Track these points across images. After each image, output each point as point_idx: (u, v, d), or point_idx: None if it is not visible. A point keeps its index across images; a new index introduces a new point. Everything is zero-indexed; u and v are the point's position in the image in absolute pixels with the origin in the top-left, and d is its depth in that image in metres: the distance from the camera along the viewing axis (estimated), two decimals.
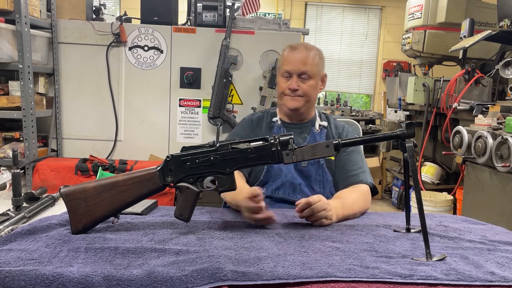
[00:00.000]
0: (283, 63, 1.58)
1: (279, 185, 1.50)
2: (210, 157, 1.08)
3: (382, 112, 6.22)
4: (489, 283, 0.83)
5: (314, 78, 1.55)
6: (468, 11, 4.32)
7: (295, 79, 1.53)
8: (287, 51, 1.58)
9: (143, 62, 3.04)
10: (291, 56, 1.55)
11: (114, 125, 3.05)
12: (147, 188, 1.09)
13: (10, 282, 0.76)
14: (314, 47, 1.59)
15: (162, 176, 1.08)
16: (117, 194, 1.07)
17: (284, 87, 1.55)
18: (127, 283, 0.77)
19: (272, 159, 1.08)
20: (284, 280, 0.80)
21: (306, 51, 1.55)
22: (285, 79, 1.55)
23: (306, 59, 1.53)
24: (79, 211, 1.05)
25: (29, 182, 2.67)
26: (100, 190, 1.07)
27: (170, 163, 1.08)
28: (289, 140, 1.07)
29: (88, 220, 1.06)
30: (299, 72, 1.53)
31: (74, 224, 1.05)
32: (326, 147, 1.07)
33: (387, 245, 1.02)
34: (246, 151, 1.08)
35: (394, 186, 5.07)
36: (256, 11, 3.50)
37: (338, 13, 6.67)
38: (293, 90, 1.53)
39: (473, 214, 2.92)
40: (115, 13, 6.12)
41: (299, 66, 1.52)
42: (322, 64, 1.60)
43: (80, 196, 1.06)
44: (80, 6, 3.02)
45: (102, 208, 1.06)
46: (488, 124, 2.92)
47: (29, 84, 2.55)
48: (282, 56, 1.61)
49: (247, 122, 1.66)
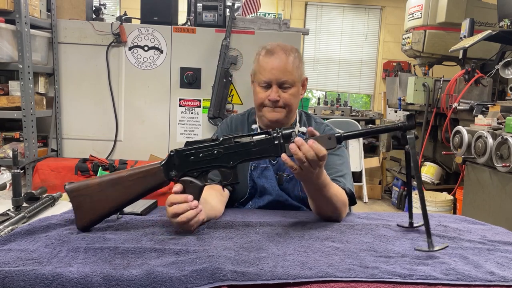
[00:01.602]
0: (259, 70, 1.38)
1: (266, 202, 1.44)
2: (214, 151, 1.08)
3: (382, 112, 6.22)
4: (489, 283, 0.83)
5: (296, 86, 1.39)
6: (468, 11, 4.32)
7: (275, 89, 1.36)
8: (263, 56, 1.38)
9: (143, 62, 3.04)
10: (269, 62, 1.36)
11: (114, 125, 3.05)
12: (151, 183, 1.08)
13: (9, 282, 0.76)
14: (292, 48, 1.40)
15: (166, 170, 1.08)
16: (121, 189, 1.07)
17: (263, 97, 1.38)
18: (126, 283, 0.77)
19: (275, 152, 1.07)
20: (283, 280, 0.80)
21: (285, 56, 1.35)
22: (263, 88, 1.38)
23: (286, 66, 1.35)
24: (84, 207, 1.06)
25: (29, 182, 2.67)
26: (105, 186, 1.07)
27: (174, 158, 1.08)
28: (291, 133, 1.06)
29: (93, 216, 1.06)
30: (279, 81, 1.36)
31: (80, 220, 1.06)
32: (329, 139, 1.06)
33: (386, 245, 1.02)
34: (249, 145, 1.07)
35: (394, 186, 5.07)
36: (256, 11, 3.51)
37: (338, 13, 6.67)
38: (273, 101, 1.36)
39: (473, 214, 2.92)
40: (115, 13, 6.13)
41: (279, 74, 1.35)
42: (302, 67, 1.43)
43: (85, 193, 1.06)
44: (80, 6, 3.02)
45: (107, 203, 1.07)
46: (488, 124, 2.92)
47: (29, 84, 2.55)
48: (257, 61, 1.40)
49: (225, 127, 1.54)
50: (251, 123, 1.52)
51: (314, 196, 1.19)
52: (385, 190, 5.63)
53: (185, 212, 1.03)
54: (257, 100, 1.41)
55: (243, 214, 1.31)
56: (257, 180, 1.44)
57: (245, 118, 1.55)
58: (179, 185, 1.08)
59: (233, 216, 1.27)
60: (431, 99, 4.12)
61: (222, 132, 1.52)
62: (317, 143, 1.05)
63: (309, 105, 6.45)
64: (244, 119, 1.55)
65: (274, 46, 1.40)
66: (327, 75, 6.70)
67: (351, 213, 1.35)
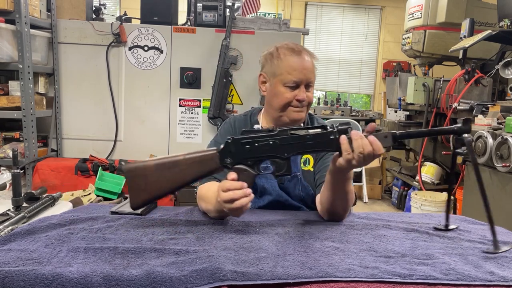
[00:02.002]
0: (287, 71, 1.36)
1: (266, 202, 1.44)
2: (270, 141, 1.09)
3: (382, 112, 6.22)
4: (489, 282, 0.83)
5: (313, 85, 1.43)
6: (468, 11, 4.32)
7: (303, 89, 1.37)
8: (289, 56, 1.37)
9: (143, 62, 3.04)
10: (299, 62, 1.35)
11: (114, 125, 3.05)
12: (206, 168, 1.10)
13: (9, 282, 0.76)
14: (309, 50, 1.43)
15: (222, 157, 1.10)
16: (177, 172, 1.09)
17: (290, 97, 1.36)
18: (126, 283, 0.77)
19: (330, 147, 1.08)
20: (283, 280, 0.80)
21: (309, 57, 1.38)
22: (289, 89, 1.36)
23: (312, 66, 1.38)
24: (139, 187, 1.08)
25: (29, 182, 2.67)
26: (161, 168, 1.08)
27: (231, 145, 1.10)
28: (347, 129, 1.07)
29: (148, 196, 1.08)
30: (308, 81, 1.37)
31: (134, 199, 1.08)
32: (385, 138, 1.07)
33: (386, 245, 1.02)
34: (305, 137, 1.08)
35: (394, 186, 5.07)
36: (256, 11, 3.51)
37: (338, 13, 6.67)
38: (301, 100, 1.36)
39: (473, 214, 2.91)
40: (115, 13, 6.13)
41: (309, 74, 1.36)
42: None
43: (142, 173, 1.08)
44: (80, 6, 3.03)
45: (162, 185, 1.08)
46: (488, 124, 2.92)
47: (29, 84, 2.56)
48: (280, 60, 1.38)
49: (229, 128, 1.53)
50: (253, 124, 1.51)
51: (337, 189, 1.18)
52: (385, 190, 5.64)
53: (241, 199, 1.05)
54: (282, 100, 1.38)
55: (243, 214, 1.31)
56: (257, 180, 1.44)
57: (247, 119, 1.55)
58: (234, 173, 1.09)
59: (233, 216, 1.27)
60: (431, 99, 4.12)
61: (226, 132, 1.50)
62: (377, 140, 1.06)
63: None
64: (247, 119, 1.54)
65: (296, 45, 1.40)
66: (327, 75, 6.70)
67: (351, 213, 1.35)
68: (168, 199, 2.75)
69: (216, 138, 1.51)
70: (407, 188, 4.68)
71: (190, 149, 1.14)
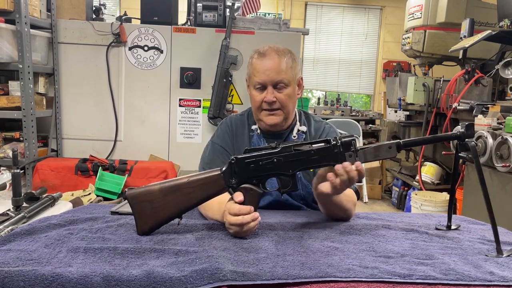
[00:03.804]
0: (253, 73, 1.39)
1: (267, 203, 1.44)
2: (274, 159, 1.08)
3: (382, 112, 6.22)
4: (488, 282, 0.83)
5: (291, 85, 1.38)
6: (468, 11, 4.32)
7: (271, 90, 1.36)
8: (256, 59, 1.39)
9: (143, 62, 3.04)
10: (262, 64, 1.36)
11: (114, 125, 3.05)
12: (211, 190, 1.09)
13: (9, 282, 0.76)
14: (284, 49, 1.41)
15: (227, 178, 1.09)
16: (182, 196, 1.08)
17: (259, 100, 1.38)
18: (126, 284, 0.77)
19: (334, 160, 1.08)
20: (283, 280, 0.80)
21: (277, 57, 1.36)
22: (258, 91, 1.38)
23: (279, 66, 1.35)
24: (145, 213, 1.06)
25: (29, 182, 2.68)
26: (166, 192, 1.07)
27: (234, 165, 1.09)
28: (351, 142, 1.08)
29: (154, 221, 1.07)
30: (274, 82, 1.36)
31: (141, 226, 1.06)
32: (389, 148, 1.07)
33: (386, 245, 1.02)
34: (309, 153, 1.08)
35: (394, 186, 5.07)
36: (256, 11, 3.51)
37: (338, 13, 6.67)
38: (269, 102, 1.36)
39: (473, 214, 2.91)
40: (115, 13, 6.12)
41: (273, 75, 1.35)
42: (296, 66, 1.42)
43: (146, 199, 1.07)
44: (80, 6, 3.03)
45: (168, 210, 1.07)
46: (488, 124, 2.91)
47: (29, 84, 2.56)
48: (250, 64, 1.41)
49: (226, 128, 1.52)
50: (251, 124, 1.51)
51: (329, 203, 1.19)
52: (385, 190, 5.63)
53: (249, 224, 1.04)
54: (254, 104, 1.41)
55: None
56: None
57: (244, 118, 1.54)
58: (241, 194, 1.07)
59: None
60: (431, 99, 4.12)
61: (223, 132, 1.51)
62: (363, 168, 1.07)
63: (309, 105, 6.45)
64: (244, 119, 1.54)
65: (266, 48, 1.40)
66: (327, 75, 6.70)
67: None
68: None
69: (214, 139, 1.51)
70: (407, 188, 4.68)
71: (190, 149, 1.14)
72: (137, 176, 2.71)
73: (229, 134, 1.50)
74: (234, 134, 1.50)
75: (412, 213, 3.33)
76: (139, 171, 2.73)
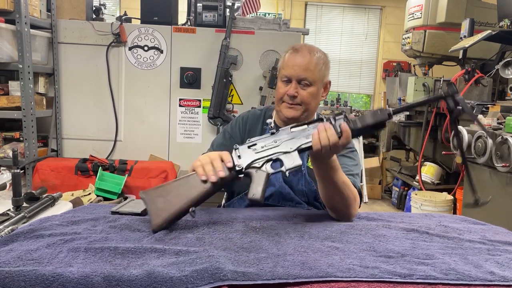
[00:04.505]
0: (282, 66, 1.46)
1: (268, 195, 1.45)
2: (273, 140, 1.17)
3: None
4: (489, 282, 0.83)
5: (316, 85, 1.43)
6: (468, 11, 4.32)
7: (294, 85, 1.41)
8: (289, 54, 1.45)
9: (143, 62, 3.04)
10: (292, 59, 1.42)
11: (114, 125, 3.05)
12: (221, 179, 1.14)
13: (10, 282, 0.76)
14: (319, 50, 1.46)
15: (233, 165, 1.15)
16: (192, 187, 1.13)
17: (282, 92, 1.44)
18: (127, 283, 0.77)
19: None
20: (284, 280, 0.80)
21: (309, 55, 1.41)
22: (284, 83, 1.44)
23: (308, 64, 1.40)
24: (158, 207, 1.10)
25: (29, 182, 2.67)
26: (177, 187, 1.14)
27: (238, 151, 1.17)
28: (341, 112, 1.15)
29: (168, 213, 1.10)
30: (299, 78, 1.41)
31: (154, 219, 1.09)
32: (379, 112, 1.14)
33: (386, 244, 1.02)
34: (305, 130, 1.16)
35: (394, 186, 5.07)
36: (256, 11, 3.51)
37: (338, 13, 6.67)
38: (291, 96, 1.41)
39: (473, 214, 2.91)
40: (115, 13, 6.12)
41: (300, 71, 1.40)
42: (326, 70, 1.47)
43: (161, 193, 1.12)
44: (80, 6, 3.03)
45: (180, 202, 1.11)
46: (488, 124, 2.92)
47: (29, 84, 2.56)
48: (283, 58, 1.48)
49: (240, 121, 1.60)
50: (266, 118, 1.58)
51: (326, 179, 1.22)
52: (385, 190, 5.64)
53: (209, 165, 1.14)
54: (278, 95, 1.48)
55: (243, 214, 1.31)
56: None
57: (262, 113, 1.61)
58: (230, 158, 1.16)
59: (233, 216, 1.27)
60: None
61: (236, 124, 1.59)
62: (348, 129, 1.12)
63: None
64: (261, 114, 1.61)
65: (302, 46, 1.47)
66: None
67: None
68: None
69: (226, 128, 1.60)
70: (407, 188, 4.68)
71: (190, 149, 1.16)
72: (137, 176, 2.71)
73: (240, 127, 1.57)
74: (247, 128, 1.57)
75: (412, 213, 3.33)
76: (139, 171, 2.73)
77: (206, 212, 1.31)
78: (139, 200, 1.15)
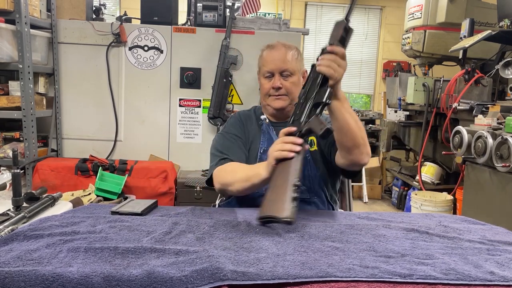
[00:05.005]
0: (263, 64, 1.59)
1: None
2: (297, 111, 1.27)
3: (382, 112, 6.22)
4: (489, 282, 0.83)
5: (296, 75, 1.56)
6: (468, 11, 4.32)
7: (278, 77, 1.54)
8: (266, 51, 1.59)
9: (143, 62, 3.04)
10: (271, 55, 1.56)
11: (114, 125, 3.05)
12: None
13: (9, 283, 0.76)
14: (291, 45, 1.60)
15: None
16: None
17: (267, 87, 1.56)
18: (127, 284, 0.77)
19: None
20: (284, 280, 0.80)
21: (284, 49, 1.56)
22: (267, 79, 1.56)
23: (286, 57, 1.54)
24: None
25: (29, 182, 2.67)
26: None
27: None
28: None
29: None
30: (281, 69, 1.53)
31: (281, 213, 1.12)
32: (337, 25, 1.36)
33: (386, 244, 1.02)
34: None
35: (394, 186, 5.07)
36: (256, 11, 3.51)
37: (338, 13, 6.66)
38: (276, 88, 1.53)
39: (473, 214, 2.92)
40: (115, 13, 6.12)
41: (280, 64, 1.53)
42: (302, 60, 1.61)
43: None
44: (80, 6, 3.03)
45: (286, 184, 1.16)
46: (488, 124, 2.92)
47: (29, 84, 2.56)
48: (261, 57, 1.61)
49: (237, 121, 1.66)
50: (258, 116, 1.64)
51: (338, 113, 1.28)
52: (385, 190, 5.64)
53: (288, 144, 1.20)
54: (263, 91, 1.58)
55: (243, 214, 1.31)
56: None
57: (251, 113, 1.68)
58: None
59: (233, 216, 1.27)
60: (431, 99, 4.12)
61: (234, 123, 1.64)
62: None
63: None
64: (251, 113, 1.68)
65: (276, 42, 1.60)
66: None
67: (351, 213, 1.35)
68: (168, 199, 2.75)
69: (224, 131, 1.63)
70: (407, 188, 4.69)
71: (190, 149, 1.16)
72: (137, 176, 2.71)
73: (239, 124, 1.63)
74: (244, 124, 1.63)
75: (412, 213, 3.33)
76: (139, 171, 2.73)
77: (206, 212, 1.31)
78: (139, 200, 1.14)
